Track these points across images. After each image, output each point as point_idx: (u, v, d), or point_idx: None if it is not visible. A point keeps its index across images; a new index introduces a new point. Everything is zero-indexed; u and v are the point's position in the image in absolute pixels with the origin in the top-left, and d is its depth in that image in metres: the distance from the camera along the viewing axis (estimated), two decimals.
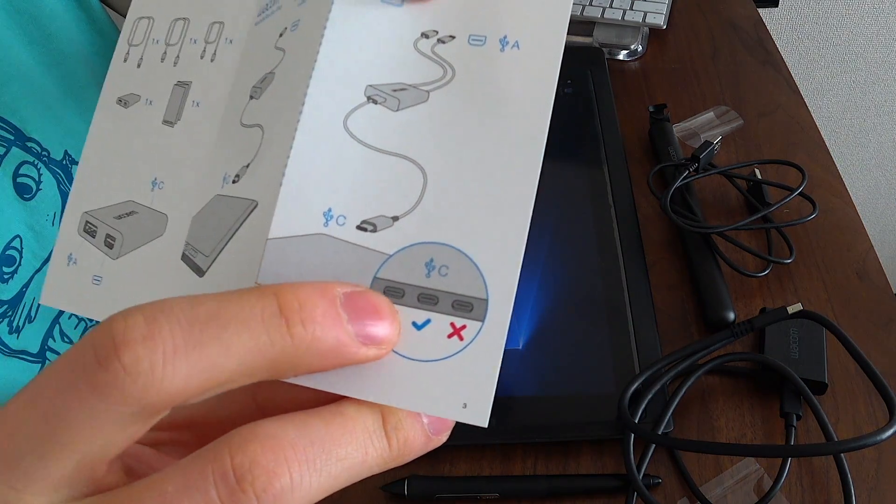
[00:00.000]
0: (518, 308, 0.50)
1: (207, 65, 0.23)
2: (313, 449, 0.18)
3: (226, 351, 0.17)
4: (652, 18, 0.73)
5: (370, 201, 0.20)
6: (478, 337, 0.20)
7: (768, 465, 0.43)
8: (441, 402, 0.19)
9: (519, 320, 0.50)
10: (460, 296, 0.20)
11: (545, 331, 0.49)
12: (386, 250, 0.20)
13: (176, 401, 0.17)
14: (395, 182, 0.20)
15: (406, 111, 0.21)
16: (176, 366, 0.16)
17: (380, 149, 0.20)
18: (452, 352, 0.20)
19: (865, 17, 1.17)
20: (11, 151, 0.46)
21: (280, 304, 0.17)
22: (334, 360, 0.18)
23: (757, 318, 0.46)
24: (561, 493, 0.43)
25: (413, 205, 0.20)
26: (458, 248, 0.20)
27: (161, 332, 0.16)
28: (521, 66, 0.21)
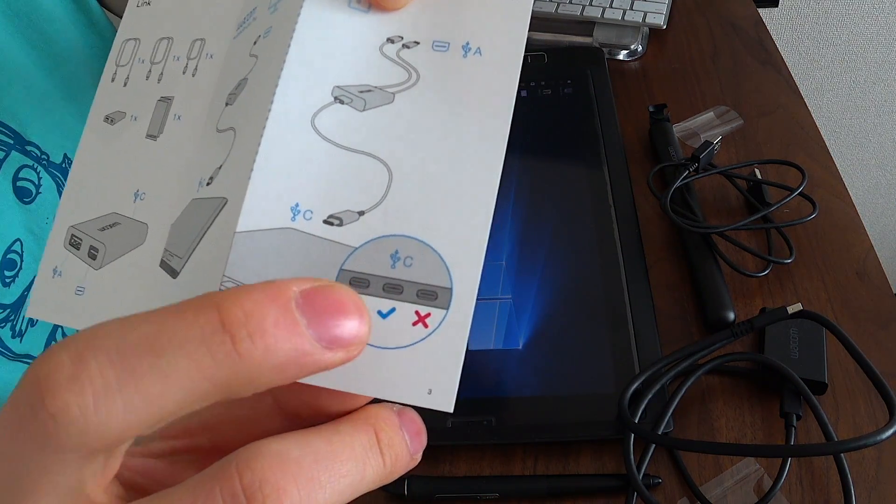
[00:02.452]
0: (518, 308, 0.50)
1: (189, 79, 0.24)
2: (318, 466, 0.18)
3: (164, 380, 0.16)
4: (652, 18, 0.73)
5: (337, 197, 0.21)
6: (442, 324, 0.20)
7: (768, 465, 0.43)
8: (406, 388, 0.20)
9: (519, 320, 0.50)
10: (425, 285, 0.20)
11: (545, 331, 0.49)
12: (352, 243, 0.20)
13: (123, 438, 0.16)
14: (361, 178, 0.21)
15: (372, 111, 0.21)
16: (109, 405, 0.15)
17: (346, 147, 0.21)
18: (417, 339, 0.20)
19: (865, 17, 1.17)
20: (11, 155, 0.46)
21: (222, 318, 0.16)
22: (296, 371, 0.17)
23: (757, 318, 0.46)
24: (561, 493, 0.43)
25: (378, 200, 0.21)
26: (423, 240, 0.21)
27: (88, 370, 0.15)
28: (483, 71, 0.22)
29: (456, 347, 0.20)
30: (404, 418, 0.20)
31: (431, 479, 0.44)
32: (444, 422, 0.45)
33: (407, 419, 0.20)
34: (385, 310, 0.20)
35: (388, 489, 0.43)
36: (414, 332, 0.20)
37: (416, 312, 0.20)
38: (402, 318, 0.20)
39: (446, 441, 0.45)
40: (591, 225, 0.54)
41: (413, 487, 0.43)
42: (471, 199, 0.21)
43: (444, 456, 0.46)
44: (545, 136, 0.62)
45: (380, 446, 0.19)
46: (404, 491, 0.43)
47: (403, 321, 0.20)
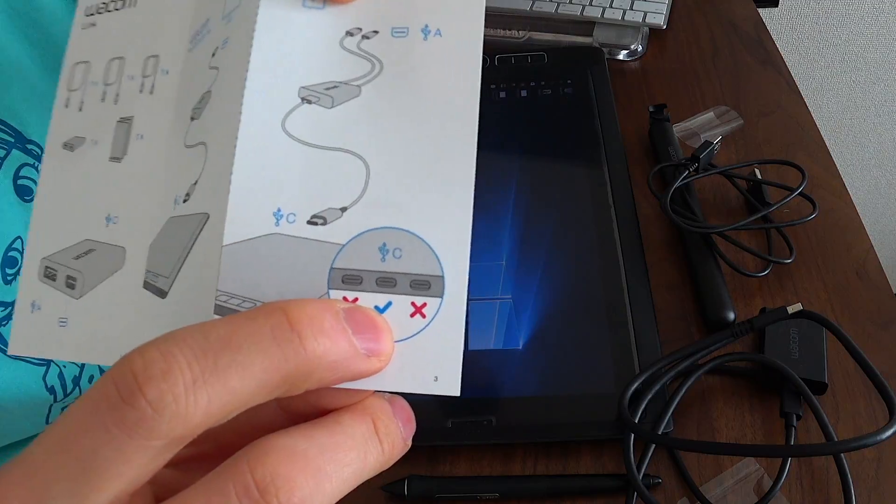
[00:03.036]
0: (518, 308, 0.50)
1: (147, 97, 0.24)
2: (324, 457, 0.19)
3: (243, 373, 0.17)
4: (652, 18, 0.73)
5: (317, 196, 0.21)
6: (439, 312, 0.21)
7: (768, 465, 0.43)
8: (414, 378, 0.20)
9: (519, 320, 0.50)
10: (417, 275, 0.21)
11: (545, 331, 0.49)
12: (339, 240, 0.21)
13: (201, 428, 0.17)
14: (339, 175, 0.21)
15: (340, 107, 0.21)
16: (198, 396, 0.17)
17: (320, 145, 0.21)
18: (417, 330, 0.20)
19: (865, 17, 1.17)
20: (12, 154, 0.46)
21: (290, 320, 0.18)
22: (343, 372, 0.19)
23: (757, 318, 0.46)
24: (561, 493, 0.43)
25: (359, 194, 0.21)
26: (408, 230, 0.21)
27: (179, 364, 0.17)
28: (446, 51, 0.22)
29: (455, 333, 0.20)
30: (396, 406, 0.21)
31: (431, 479, 0.44)
32: (445, 422, 0.45)
33: (399, 407, 0.21)
34: (381, 304, 0.20)
35: (389, 489, 0.43)
36: (413, 323, 0.20)
37: (412, 304, 0.20)
38: (400, 310, 0.20)
39: (446, 441, 0.45)
40: (591, 225, 0.54)
41: (413, 487, 0.43)
42: (450, 182, 0.21)
43: (444, 456, 0.46)
44: (545, 136, 0.62)
45: (378, 435, 0.20)
46: (404, 491, 0.43)
47: (401, 314, 0.20)
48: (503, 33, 0.75)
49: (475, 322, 0.50)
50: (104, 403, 0.17)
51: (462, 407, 0.46)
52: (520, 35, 0.75)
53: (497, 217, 0.56)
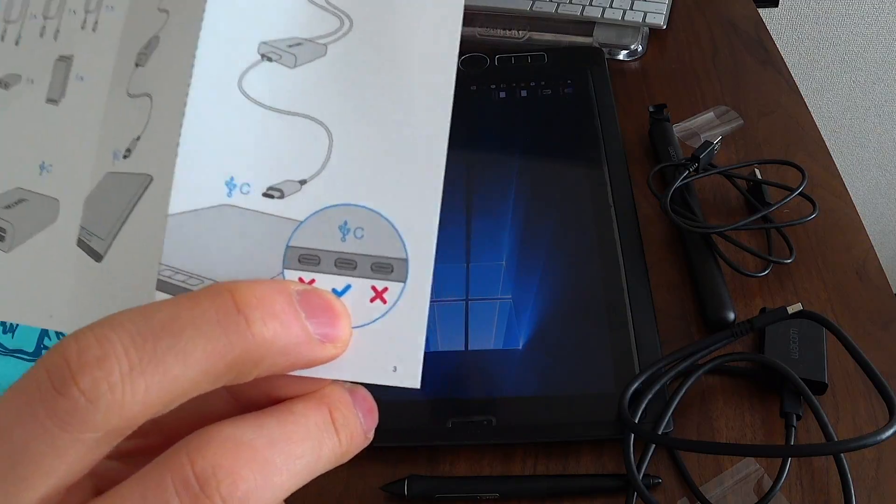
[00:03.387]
0: (518, 308, 0.50)
1: (89, 35, 0.22)
2: (273, 448, 0.17)
3: (184, 360, 0.16)
4: (652, 18, 0.73)
5: (275, 166, 0.19)
6: (401, 298, 0.19)
7: (768, 465, 0.43)
8: (370, 368, 0.19)
9: (519, 320, 0.50)
10: (379, 257, 0.19)
11: (545, 331, 0.49)
12: (297, 216, 0.19)
13: (140, 419, 0.16)
14: (300, 143, 0.19)
15: (304, 67, 0.19)
16: (135, 384, 0.16)
17: (279, 109, 0.19)
18: (376, 316, 0.19)
19: (865, 17, 1.17)
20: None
21: (237, 302, 0.17)
22: (295, 359, 0.18)
23: (757, 318, 0.46)
24: (561, 493, 0.43)
25: (320, 166, 0.19)
26: (372, 209, 0.19)
27: (115, 350, 0.16)
28: (422, 9, 0.20)
29: (417, 321, 0.19)
30: (356, 396, 0.20)
31: (431, 479, 0.44)
32: (445, 422, 0.45)
33: (359, 397, 0.20)
34: (340, 287, 0.19)
35: (389, 489, 0.43)
36: (372, 308, 0.19)
37: (372, 288, 0.19)
38: (359, 295, 0.19)
39: (446, 441, 0.45)
40: (591, 225, 0.54)
41: (413, 487, 0.43)
42: (419, 158, 0.19)
43: (443, 456, 0.46)
44: (545, 136, 0.62)
45: (335, 425, 0.19)
46: (404, 491, 0.43)
47: (360, 298, 0.19)
48: (503, 33, 0.75)
49: (475, 322, 0.50)
50: (36, 393, 0.16)
51: (462, 407, 0.46)
52: (520, 35, 0.75)
53: (497, 217, 0.56)
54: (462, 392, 0.47)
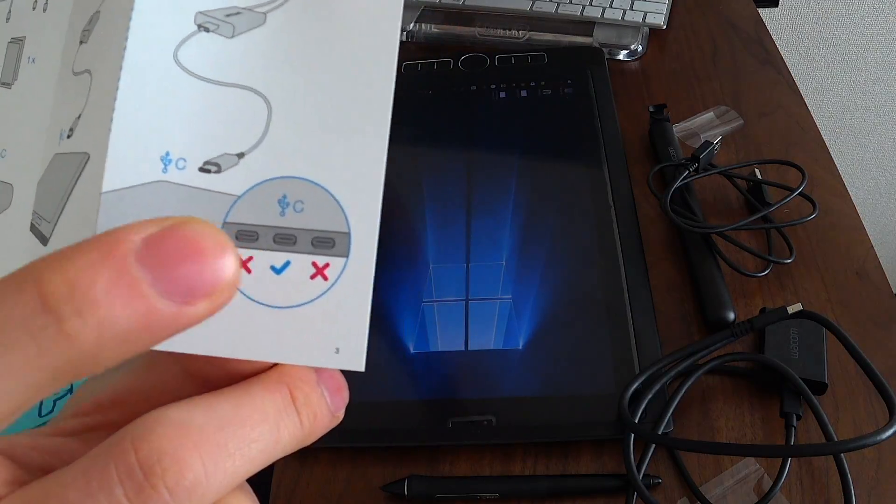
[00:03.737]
0: (518, 308, 0.50)
1: (40, 16, 0.21)
2: (224, 433, 0.16)
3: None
4: (652, 18, 0.73)
5: (212, 140, 0.18)
6: (343, 274, 0.18)
7: (768, 465, 0.43)
8: (311, 349, 0.18)
9: (519, 320, 0.50)
10: (320, 231, 0.18)
11: (545, 331, 0.49)
12: (234, 191, 0.18)
13: None
14: (237, 116, 0.18)
15: (242, 37, 0.19)
16: None
17: (217, 81, 0.19)
18: (317, 294, 0.18)
19: (865, 17, 1.17)
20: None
21: (42, 294, 0.14)
22: (150, 336, 0.15)
23: (757, 318, 0.46)
24: (561, 493, 0.43)
25: (259, 138, 0.18)
26: (312, 181, 0.18)
27: None
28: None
29: (361, 299, 0.18)
30: (323, 374, 0.19)
31: (431, 479, 0.44)
32: (445, 422, 0.45)
33: (325, 375, 0.19)
34: (279, 264, 0.18)
35: (389, 489, 0.43)
36: (313, 286, 0.18)
37: (313, 264, 0.18)
38: (299, 271, 0.18)
39: (446, 441, 0.45)
40: (591, 225, 0.54)
41: (413, 487, 0.43)
42: (362, 129, 0.19)
43: (443, 456, 0.46)
44: (545, 137, 0.62)
45: (295, 405, 0.18)
46: (404, 491, 0.43)
47: (300, 275, 0.18)
48: (503, 33, 0.75)
49: (475, 322, 0.50)
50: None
51: (462, 407, 0.46)
52: (520, 35, 0.75)
53: (497, 217, 0.56)
54: (462, 392, 0.47)
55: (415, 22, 0.78)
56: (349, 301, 0.18)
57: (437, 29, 0.77)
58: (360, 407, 0.46)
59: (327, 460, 0.46)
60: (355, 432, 0.46)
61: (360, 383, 0.48)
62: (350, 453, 0.46)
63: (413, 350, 0.49)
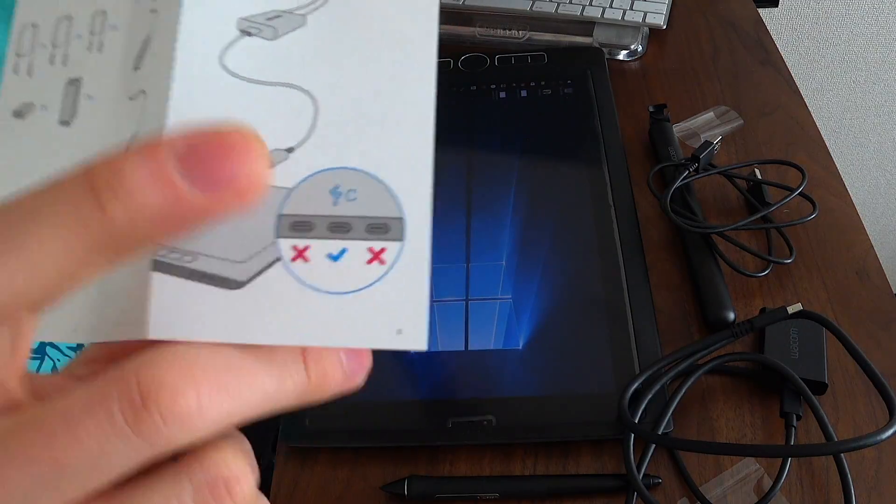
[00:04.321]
0: (518, 308, 0.50)
1: (96, 56, 0.22)
2: (227, 374, 0.17)
3: (40, 245, 0.16)
4: (652, 18, 0.73)
5: (261, 136, 0.19)
6: (400, 258, 0.19)
7: (768, 465, 0.43)
8: (375, 332, 0.19)
9: (519, 320, 0.50)
10: (374, 218, 0.19)
11: (545, 331, 0.49)
12: (286, 184, 0.19)
13: (15, 307, 0.16)
14: (285, 112, 0.19)
15: (284, 39, 0.20)
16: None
17: (262, 81, 0.20)
18: (376, 278, 0.19)
19: (865, 17, 1.17)
20: None
21: (90, 179, 0.16)
22: (178, 221, 0.16)
23: (757, 318, 0.46)
24: (561, 493, 0.43)
25: (307, 133, 0.19)
26: (362, 170, 0.19)
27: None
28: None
29: (419, 280, 0.19)
30: None
31: (431, 479, 0.44)
32: (445, 422, 0.45)
33: None
34: (336, 251, 0.19)
35: (389, 489, 0.43)
36: (370, 271, 0.19)
37: (369, 250, 0.19)
38: (356, 258, 0.19)
39: (446, 441, 0.45)
40: (591, 225, 0.54)
41: (413, 487, 0.43)
42: (408, 118, 0.19)
43: (443, 456, 0.46)
44: (545, 136, 0.62)
45: (305, 359, 0.18)
46: (404, 491, 0.43)
47: (358, 261, 0.19)
48: (503, 33, 0.75)
49: (475, 322, 0.50)
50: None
51: (462, 407, 0.46)
52: (520, 35, 0.75)
53: (497, 217, 0.56)
54: (462, 392, 0.47)
55: None
56: (408, 283, 0.19)
57: None
58: (360, 407, 0.46)
59: (327, 460, 0.46)
60: (355, 432, 0.46)
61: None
62: (350, 453, 0.46)
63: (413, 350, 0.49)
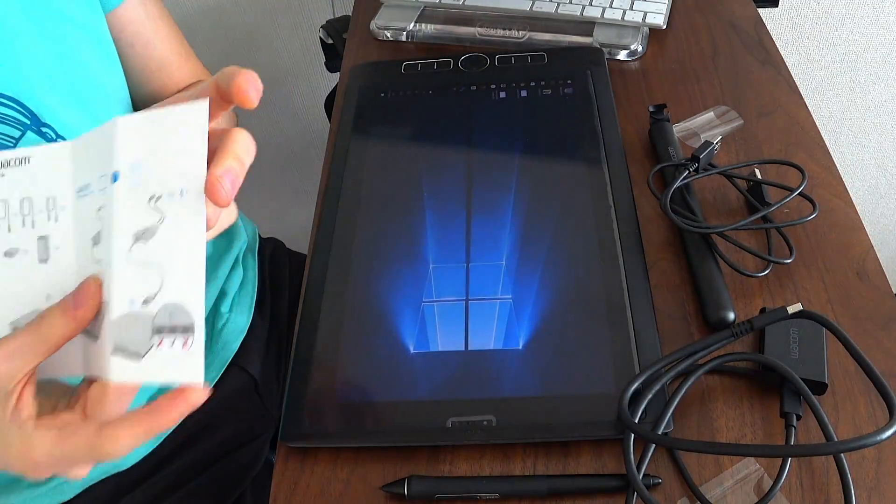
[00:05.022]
0: (518, 308, 0.50)
1: (54, 223, 0.35)
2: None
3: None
4: (652, 18, 0.73)
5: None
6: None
7: (768, 465, 0.43)
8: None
9: (519, 320, 0.50)
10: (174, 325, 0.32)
11: (545, 331, 0.49)
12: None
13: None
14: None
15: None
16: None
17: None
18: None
19: (866, 17, 1.17)
20: (27, 135, 0.46)
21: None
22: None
23: (756, 318, 0.46)
24: (561, 493, 0.43)
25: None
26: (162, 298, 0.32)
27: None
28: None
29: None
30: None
31: (431, 479, 0.44)
32: (445, 422, 0.45)
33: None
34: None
35: (389, 489, 0.43)
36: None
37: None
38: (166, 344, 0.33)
39: (446, 441, 0.45)
40: (591, 225, 0.54)
41: (413, 487, 0.43)
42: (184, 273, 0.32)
43: (443, 456, 0.46)
44: (545, 136, 0.62)
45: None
46: (405, 491, 0.43)
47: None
48: (503, 33, 0.75)
49: (475, 322, 0.50)
50: None
51: (462, 407, 0.46)
52: (520, 35, 0.75)
53: (497, 217, 0.56)
54: (462, 392, 0.47)
55: (415, 22, 0.78)
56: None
57: (437, 29, 0.77)
58: (360, 407, 0.46)
59: (327, 460, 0.46)
60: (355, 432, 0.46)
61: (361, 383, 0.48)
62: (350, 453, 0.46)
63: (413, 350, 0.49)
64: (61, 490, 0.57)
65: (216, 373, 0.65)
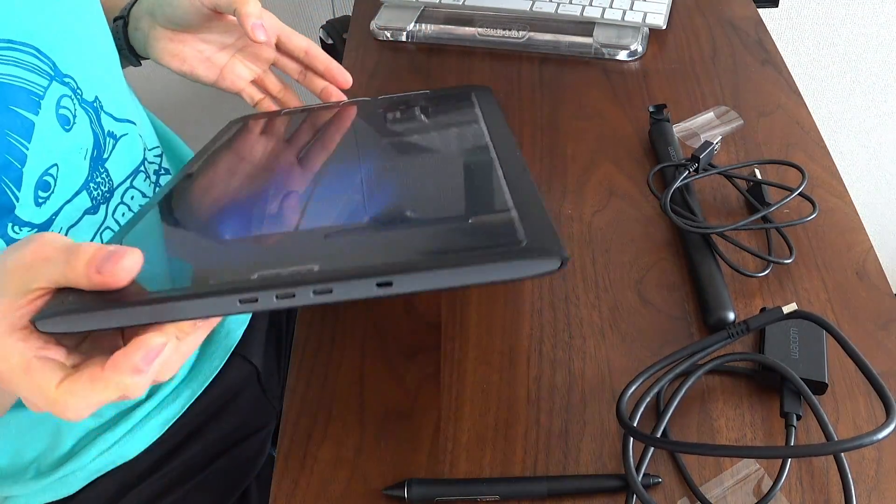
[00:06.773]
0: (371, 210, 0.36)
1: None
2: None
3: None
4: (652, 19, 0.73)
5: None
6: None
7: (768, 465, 0.43)
8: None
9: (370, 205, 0.39)
10: None
11: (396, 200, 0.39)
12: None
13: None
14: None
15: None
16: None
17: None
18: None
19: (865, 17, 1.17)
20: (52, 84, 0.46)
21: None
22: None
23: (753, 319, 0.46)
24: (561, 493, 0.43)
25: None
26: None
27: None
28: None
29: None
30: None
31: (431, 482, 0.44)
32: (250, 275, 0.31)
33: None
34: None
35: (389, 492, 0.43)
36: None
37: None
38: None
39: (447, 441, 0.45)
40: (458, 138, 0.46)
41: (413, 490, 0.43)
42: None
43: (443, 457, 0.46)
44: None
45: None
46: (404, 494, 0.43)
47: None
48: (503, 34, 0.76)
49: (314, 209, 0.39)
50: None
51: (272, 258, 0.34)
52: (520, 35, 0.75)
53: (350, 175, 0.43)
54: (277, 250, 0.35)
55: (415, 22, 0.78)
56: None
57: (437, 29, 0.77)
58: None
59: (327, 462, 0.46)
60: None
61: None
62: (350, 454, 0.46)
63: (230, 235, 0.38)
64: (66, 483, 0.58)
65: (220, 361, 0.66)
